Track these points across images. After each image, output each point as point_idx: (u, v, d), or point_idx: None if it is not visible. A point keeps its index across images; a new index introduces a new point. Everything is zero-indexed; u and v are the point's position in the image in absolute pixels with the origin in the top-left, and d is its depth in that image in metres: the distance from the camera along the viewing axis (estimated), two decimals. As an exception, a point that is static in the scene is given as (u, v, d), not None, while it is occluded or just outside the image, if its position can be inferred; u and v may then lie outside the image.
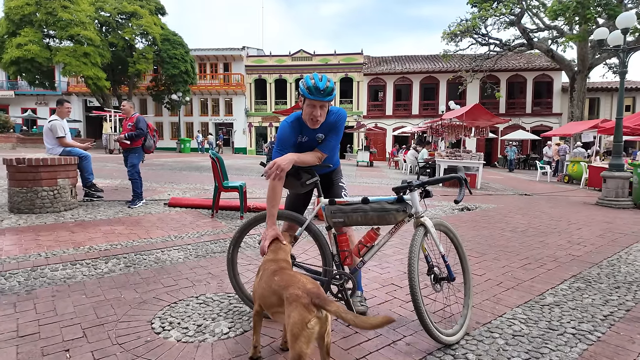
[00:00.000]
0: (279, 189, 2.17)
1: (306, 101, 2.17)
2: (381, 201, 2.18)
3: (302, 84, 2.16)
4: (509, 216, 6.32)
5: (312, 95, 2.12)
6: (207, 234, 4.41)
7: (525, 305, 2.71)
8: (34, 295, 2.63)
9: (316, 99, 2.13)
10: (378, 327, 1.59)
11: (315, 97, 2.12)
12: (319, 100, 2.13)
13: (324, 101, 2.15)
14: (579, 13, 16.69)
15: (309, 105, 2.17)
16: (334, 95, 2.18)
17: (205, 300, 2.62)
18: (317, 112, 2.16)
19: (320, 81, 2.11)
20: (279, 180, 2.15)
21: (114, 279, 2.98)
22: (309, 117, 2.20)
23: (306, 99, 2.16)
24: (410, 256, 2.04)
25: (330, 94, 2.14)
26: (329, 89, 2.12)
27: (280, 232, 2.12)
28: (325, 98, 2.13)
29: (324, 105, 2.17)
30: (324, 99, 2.13)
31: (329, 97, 2.14)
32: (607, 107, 27.07)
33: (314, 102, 2.14)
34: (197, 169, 13.01)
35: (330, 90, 2.13)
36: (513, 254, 4.01)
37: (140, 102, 31.43)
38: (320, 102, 2.14)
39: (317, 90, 2.11)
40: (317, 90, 2.11)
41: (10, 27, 20.71)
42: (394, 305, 2.65)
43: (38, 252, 3.50)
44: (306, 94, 2.14)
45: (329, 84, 2.13)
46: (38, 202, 5.00)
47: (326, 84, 2.11)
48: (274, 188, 2.16)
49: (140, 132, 5.73)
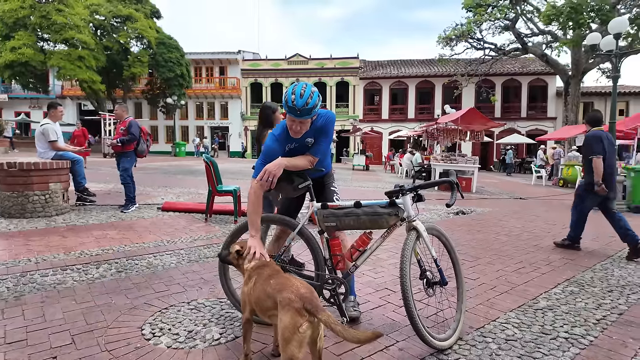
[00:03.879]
0: (261, 196, 2.15)
1: (287, 114, 2.11)
2: (374, 205, 2.17)
3: (284, 95, 2.10)
4: (504, 220, 6.34)
5: (289, 112, 2.07)
6: (200, 238, 4.38)
7: (518, 309, 2.71)
8: (23, 301, 2.59)
9: (292, 116, 2.07)
10: (366, 342, 1.58)
11: (291, 115, 2.06)
12: (296, 118, 2.08)
13: (301, 119, 2.08)
14: (572, 18, 16.86)
15: (288, 118, 2.12)
16: (315, 112, 2.09)
17: (196, 306, 2.59)
18: (296, 126, 2.11)
19: (300, 98, 2.01)
20: (262, 188, 2.12)
21: (105, 284, 2.94)
22: (289, 128, 2.16)
23: (287, 113, 2.11)
24: (402, 260, 2.03)
25: (309, 113, 2.04)
26: (306, 110, 2.02)
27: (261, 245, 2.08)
28: (301, 117, 2.05)
29: (304, 122, 2.11)
30: (299, 118, 2.06)
31: (305, 116, 2.05)
32: (601, 111, 27.27)
33: (293, 118, 2.08)
34: (191, 172, 12.96)
35: (308, 110, 2.03)
36: (507, 258, 4.01)
37: (135, 105, 31.35)
38: (299, 119, 2.08)
39: (294, 110, 2.03)
40: (294, 110, 2.03)
41: (4, 30, 20.65)
42: (387, 310, 2.64)
43: (28, 258, 3.45)
44: (284, 107, 2.10)
45: (310, 101, 2.02)
46: (29, 207, 4.95)
47: (306, 102, 2.00)
48: (257, 195, 2.13)
49: (132, 136, 5.69)
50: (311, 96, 2.03)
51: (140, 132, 5.87)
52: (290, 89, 2.07)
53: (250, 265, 1.95)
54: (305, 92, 2.03)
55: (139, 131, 5.83)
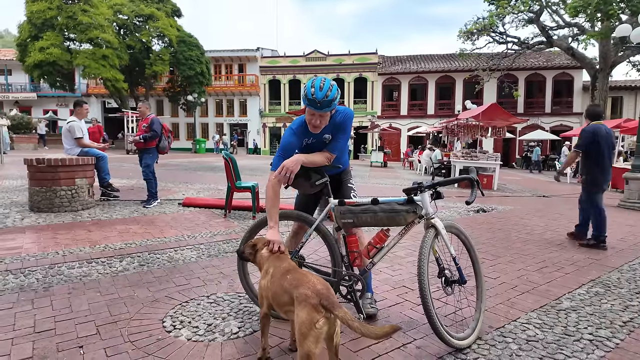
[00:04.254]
0: (278, 190, 2.17)
1: (307, 107, 2.14)
2: (391, 202, 2.16)
3: (303, 89, 2.13)
4: (526, 218, 6.19)
5: (308, 105, 2.09)
6: (219, 233, 4.45)
7: (540, 309, 2.65)
8: (51, 292, 2.69)
9: (312, 109, 2.09)
10: (384, 337, 1.60)
11: (311, 107, 2.08)
12: (316, 111, 2.10)
13: (322, 112, 2.10)
14: (600, 9, 16.22)
15: (308, 112, 2.15)
16: (334, 105, 2.11)
17: (216, 300, 2.64)
18: (315, 120, 2.13)
19: (320, 91, 2.03)
20: (279, 183, 2.14)
21: (128, 277, 3.03)
22: (308, 122, 2.19)
23: (307, 106, 2.13)
24: (420, 258, 2.01)
25: (329, 105, 2.07)
26: (326, 102, 2.05)
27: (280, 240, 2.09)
28: (321, 110, 2.08)
29: (324, 115, 2.13)
30: (319, 110, 2.08)
31: (325, 109, 2.08)
32: (630, 106, 26.27)
33: (313, 111, 2.11)
34: (211, 169, 13.15)
35: (328, 102, 2.05)
36: (529, 257, 3.92)
37: (157, 103, 32.00)
38: (319, 112, 2.10)
39: (314, 102, 2.05)
40: (314, 102, 2.05)
41: (33, 30, 21.37)
42: (404, 307, 2.62)
43: (56, 251, 3.58)
44: (304, 101, 2.12)
45: (330, 93, 2.04)
46: (57, 202, 5.13)
47: (325, 94, 2.03)
48: (274, 189, 2.15)
49: (154, 133, 5.82)
50: (330, 89, 2.06)
51: (162, 129, 5.99)
52: (309, 82, 2.09)
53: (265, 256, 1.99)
54: (324, 85, 2.06)
55: (161, 128, 5.96)
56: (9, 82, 32.05)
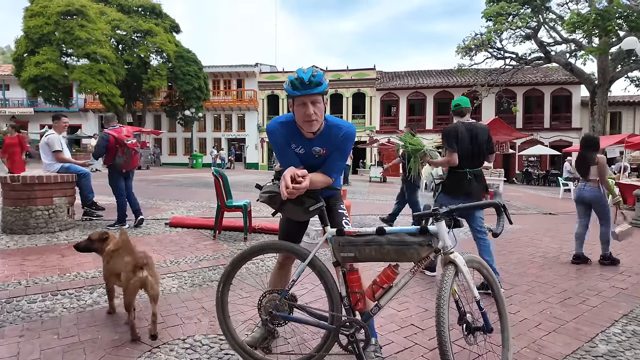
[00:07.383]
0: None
1: (295, 101, 1.84)
2: (400, 232, 1.79)
3: (286, 85, 1.86)
4: (537, 238, 5.81)
5: (297, 91, 1.79)
6: (205, 258, 4.05)
7: (573, 355, 2.26)
8: (1, 334, 2.29)
9: (303, 94, 1.78)
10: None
11: (302, 92, 1.78)
12: (308, 95, 1.79)
13: (314, 94, 1.79)
14: (598, 25, 16.19)
15: (298, 104, 1.83)
16: (325, 86, 1.83)
17: (192, 345, 2.24)
18: (309, 110, 1.82)
19: (304, 73, 1.79)
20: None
21: (95, 313, 2.63)
22: (302, 119, 1.85)
23: (295, 99, 1.83)
24: (439, 303, 1.63)
25: (319, 84, 1.79)
26: (314, 81, 1.78)
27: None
28: (313, 90, 1.78)
29: (316, 100, 1.82)
30: (311, 91, 1.78)
31: (318, 89, 1.79)
32: (629, 121, 26.17)
33: (303, 99, 1.80)
34: (205, 185, 12.78)
35: (316, 82, 1.78)
36: (549, 286, 3.53)
37: (155, 118, 31.80)
38: (310, 97, 1.80)
39: (302, 83, 1.77)
40: (302, 83, 1.77)
41: (30, 45, 21.26)
42: (414, 354, 2.23)
43: (19, 280, 3.18)
44: (291, 92, 1.81)
45: (316, 74, 1.79)
46: (32, 222, 4.74)
47: (312, 74, 1.78)
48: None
49: (96, 150, 5.18)
50: (315, 73, 1.80)
51: (116, 144, 5.16)
52: (290, 75, 1.85)
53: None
54: (308, 70, 1.82)
55: (105, 144, 5.14)
56: (6, 97, 31.91)
